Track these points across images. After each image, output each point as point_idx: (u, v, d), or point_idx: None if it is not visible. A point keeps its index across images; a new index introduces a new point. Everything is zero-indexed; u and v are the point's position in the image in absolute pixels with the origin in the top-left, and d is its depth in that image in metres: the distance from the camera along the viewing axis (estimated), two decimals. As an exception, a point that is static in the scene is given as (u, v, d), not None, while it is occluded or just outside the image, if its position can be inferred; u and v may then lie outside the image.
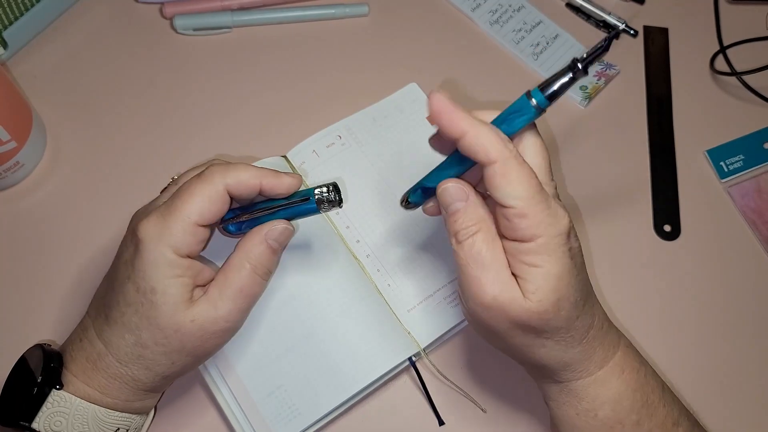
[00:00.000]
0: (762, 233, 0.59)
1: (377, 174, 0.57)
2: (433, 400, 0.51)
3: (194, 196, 0.41)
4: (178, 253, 0.40)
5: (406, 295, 0.53)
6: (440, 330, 0.52)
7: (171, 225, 0.40)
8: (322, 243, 0.53)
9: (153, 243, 0.40)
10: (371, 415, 0.51)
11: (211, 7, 0.65)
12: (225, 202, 0.42)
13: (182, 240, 0.40)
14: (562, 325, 0.39)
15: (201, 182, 0.41)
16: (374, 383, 0.50)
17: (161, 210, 0.41)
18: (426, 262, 0.54)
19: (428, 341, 0.52)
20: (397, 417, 0.51)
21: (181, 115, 0.61)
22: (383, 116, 0.60)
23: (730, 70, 0.64)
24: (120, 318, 0.41)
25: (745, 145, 0.62)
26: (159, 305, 0.40)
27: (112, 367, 0.42)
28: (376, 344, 0.50)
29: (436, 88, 0.39)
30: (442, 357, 0.53)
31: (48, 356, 0.43)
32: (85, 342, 0.43)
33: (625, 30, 0.66)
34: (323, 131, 0.58)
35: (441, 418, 0.51)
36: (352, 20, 0.66)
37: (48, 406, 0.41)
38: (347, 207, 0.56)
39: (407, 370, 0.52)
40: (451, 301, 0.53)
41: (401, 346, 0.50)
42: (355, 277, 0.52)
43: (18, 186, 0.58)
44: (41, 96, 0.61)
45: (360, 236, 0.55)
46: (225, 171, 0.42)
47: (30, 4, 0.61)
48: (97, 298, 0.44)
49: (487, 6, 0.67)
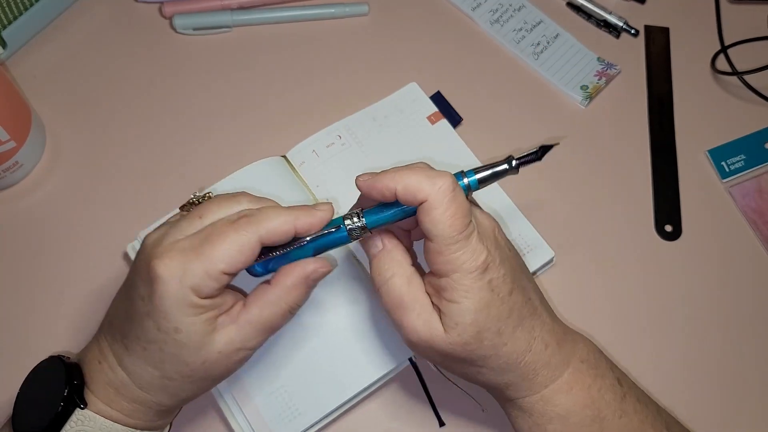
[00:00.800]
0: (763, 233, 0.58)
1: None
2: (433, 400, 0.51)
3: (225, 243, 0.38)
4: (200, 295, 0.38)
5: None
6: None
7: (195, 268, 0.38)
8: None
9: (174, 283, 0.38)
10: (371, 415, 0.51)
11: (210, 6, 0.65)
12: (255, 253, 0.40)
13: (205, 284, 0.38)
14: (490, 353, 0.40)
15: (234, 231, 0.39)
16: (375, 383, 0.50)
17: (186, 250, 0.39)
18: None
19: None
20: (397, 417, 0.51)
21: (181, 115, 0.61)
22: (383, 116, 0.59)
23: (731, 70, 0.64)
24: (142, 352, 0.40)
25: (746, 145, 0.62)
26: (184, 343, 0.39)
27: (135, 392, 0.41)
28: (376, 345, 0.50)
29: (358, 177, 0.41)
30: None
31: (69, 371, 0.41)
32: (104, 366, 0.42)
33: (626, 29, 0.66)
34: (323, 131, 0.58)
35: (441, 419, 0.51)
36: (352, 20, 0.66)
37: (72, 424, 0.40)
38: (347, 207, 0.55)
39: (407, 370, 0.52)
40: None
41: (402, 347, 0.50)
42: (355, 278, 0.52)
43: (17, 186, 0.58)
44: (40, 96, 0.61)
45: None
46: (259, 222, 0.39)
47: (29, 4, 0.61)
48: (113, 322, 0.42)
49: (488, 5, 0.67)
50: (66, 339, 0.53)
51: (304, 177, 0.57)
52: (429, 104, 0.60)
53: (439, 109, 0.60)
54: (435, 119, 0.60)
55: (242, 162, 0.55)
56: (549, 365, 0.42)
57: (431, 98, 0.61)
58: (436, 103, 0.61)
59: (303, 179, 0.56)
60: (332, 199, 0.56)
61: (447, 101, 0.61)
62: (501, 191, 0.57)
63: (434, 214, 0.38)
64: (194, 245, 0.39)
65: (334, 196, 0.56)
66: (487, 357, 0.40)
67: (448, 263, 0.39)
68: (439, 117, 0.60)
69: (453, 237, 0.38)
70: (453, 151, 0.58)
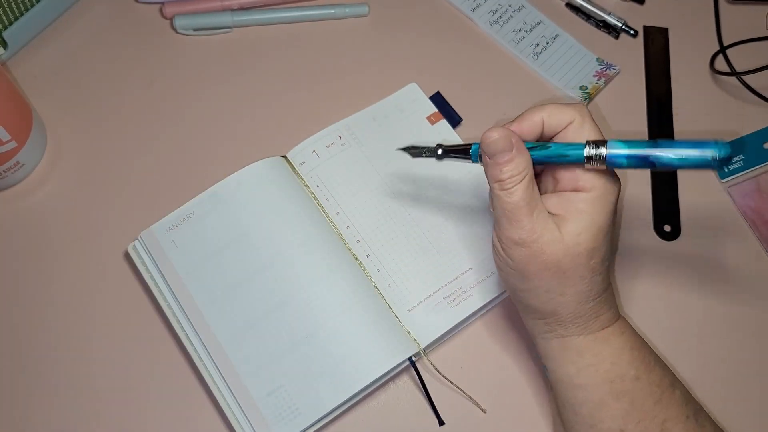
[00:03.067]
0: (762, 233, 0.59)
1: (377, 173, 0.57)
2: (433, 400, 0.51)
3: None
4: None
5: (406, 295, 0.53)
6: (440, 330, 0.52)
7: None
8: (322, 243, 0.53)
9: None
10: (371, 415, 0.51)
11: (211, 7, 0.65)
12: None
13: None
14: (586, 275, 0.43)
15: None
16: (374, 383, 0.50)
17: None
18: (426, 262, 0.54)
19: (428, 341, 0.52)
20: (397, 417, 0.52)
21: (181, 115, 0.61)
22: (383, 116, 0.60)
23: (730, 70, 0.64)
24: None
25: (745, 145, 0.62)
26: None
27: None
28: (376, 344, 0.50)
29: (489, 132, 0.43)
30: (442, 357, 0.53)
31: None
32: None
33: (625, 30, 0.66)
34: (323, 131, 0.58)
35: (441, 418, 0.51)
36: (352, 20, 0.66)
37: None
38: (347, 207, 0.56)
39: (407, 370, 0.52)
40: (452, 300, 0.53)
41: (401, 346, 0.50)
42: (354, 277, 0.52)
43: (18, 186, 0.58)
44: (41, 96, 0.61)
45: (360, 236, 0.55)
46: None
47: (30, 4, 0.61)
48: None
49: (487, 6, 0.67)
50: (66, 339, 0.53)
51: (305, 177, 0.57)
52: (429, 105, 0.60)
53: (439, 110, 0.60)
54: (435, 119, 0.60)
55: (242, 162, 0.55)
56: (610, 309, 0.46)
57: (431, 99, 0.61)
58: (436, 103, 0.61)
59: (303, 179, 0.57)
60: (333, 200, 0.56)
61: (447, 102, 0.62)
62: None
63: (587, 125, 0.43)
64: None
65: (335, 195, 0.56)
66: (582, 278, 0.43)
67: (592, 180, 0.42)
68: (438, 117, 0.60)
69: None
70: None
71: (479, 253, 0.55)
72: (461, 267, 0.54)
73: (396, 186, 0.57)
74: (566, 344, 0.45)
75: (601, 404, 0.44)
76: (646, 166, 0.41)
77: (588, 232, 0.42)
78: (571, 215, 0.42)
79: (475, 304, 0.53)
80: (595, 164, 0.41)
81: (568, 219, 0.42)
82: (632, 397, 0.44)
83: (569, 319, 0.44)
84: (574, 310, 0.44)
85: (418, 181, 0.57)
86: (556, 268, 0.42)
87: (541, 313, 0.45)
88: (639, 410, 0.44)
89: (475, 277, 0.54)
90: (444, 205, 0.56)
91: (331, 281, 0.51)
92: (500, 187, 0.42)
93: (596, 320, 0.45)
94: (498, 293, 0.54)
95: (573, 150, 0.42)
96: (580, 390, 0.45)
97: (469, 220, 0.56)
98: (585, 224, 0.42)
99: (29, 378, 0.52)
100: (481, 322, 0.55)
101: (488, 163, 0.43)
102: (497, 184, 0.42)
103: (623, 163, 0.41)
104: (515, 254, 0.43)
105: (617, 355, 0.45)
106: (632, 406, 0.44)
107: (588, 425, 0.45)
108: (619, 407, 0.44)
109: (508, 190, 0.42)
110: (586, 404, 0.45)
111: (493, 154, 0.42)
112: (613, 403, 0.44)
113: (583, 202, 0.42)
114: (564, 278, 0.43)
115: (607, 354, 0.45)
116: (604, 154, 0.41)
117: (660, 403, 0.45)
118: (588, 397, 0.45)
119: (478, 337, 0.54)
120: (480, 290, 0.54)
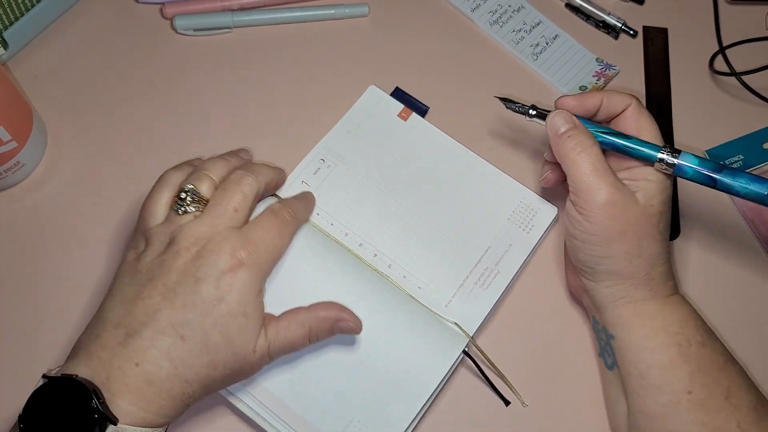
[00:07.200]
0: (761, 233, 0.59)
1: (370, 183, 0.57)
2: (494, 384, 0.52)
3: None
4: None
5: (439, 292, 0.53)
6: (482, 314, 0.53)
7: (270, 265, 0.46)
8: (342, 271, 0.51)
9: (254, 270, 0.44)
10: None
11: (211, 7, 0.65)
12: None
13: None
14: (658, 237, 0.47)
15: None
16: (439, 385, 0.50)
17: None
18: (446, 254, 0.54)
19: (474, 328, 0.52)
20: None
21: (181, 115, 0.61)
22: (356, 126, 0.59)
23: (730, 71, 0.64)
24: (202, 339, 0.42)
25: (744, 145, 0.62)
26: (244, 328, 0.43)
27: (176, 387, 0.41)
28: (429, 348, 0.50)
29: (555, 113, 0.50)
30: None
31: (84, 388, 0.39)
32: (145, 365, 0.40)
33: (625, 30, 0.66)
34: (305, 160, 0.57)
35: (506, 398, 0.52)
36: (352, 20, 0.66)
37: None
38: (353, 225, 0.55)
39: (460, 363, 0.52)
40: (482, 283, 0.54)
41: (452, 342, 0.50)
42: (384, 291, 0.51)
43: (18, 186, 0.58)
44: (41, 96, 0.61)
45: (376, 249, 0.54)
46: None
47: (30, 5, 0.62)
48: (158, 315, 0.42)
49: (487, 6, 0.67)
50: (66, 339, 0.53)
51: None
52: (394, 102, 0.60)
53: (405, 105, 0.60)
54: (406, 115, 0.60)
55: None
56: (673, 279, 0.49)
57: (393, 96, 0.61)
58: (399, 99, 0.61)
59: None
60: (338, 222, 0.55)
61: (407, 94, 0.62)
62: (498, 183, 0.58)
63: (644, 112, 0.49)
64: None
65: (339, 218, 0.55)
66: (655, 240, 0.47)
67: None
68: (408, 113, 0.60)
69: (660, 136, 0.49)
70: (433, 142, 0.59)
71: (491, 229, 0.56)
72: (480, 248, 0.55)
73: (392, 189, 0.57)
74: (638, 309, 0.48)
75: (671, 365, 0.46)
76: (705, 184, 0.47)
77: (658, 198, 0.47)
78: (641, 184, 0.47)
79: (505, 280, 0.54)
80: (662, 166, 0.47)
81: (639, 186, 0.47)
82: (699, 362, 0.46)
83: (644, 281, 0.47)
84: (649, 272, 0.47)
85: (412, 178, 0.57)
86: (635, 228, 0.46)
87: (621, 276, 0.47)
88: (705, 374, 0.46)
89: (496, 254, 0.55)
90: (443, 195, 0.57)
91: (365, 303, 0.49)
92: (573, 155, 0.47)
93: (665, 285, 0.48)
94: (522, 260, 0.55)
95: (649, 149, 0.47)
96: (650, 353, 0.47)
97: (471, 201, 0.56)
98: (655, 191, 0.47)
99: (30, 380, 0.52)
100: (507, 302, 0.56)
101: (553, 141, 0.49)
102: (570, 153, 0.47)
103: (687, 174, 0.47)
104: (598, 218, 0.46)
105: (684, 320, 0.48)
106: (699, 369, 0.46)
107: (655, 388, 0.46)
108: (688, 369, 0.46)
109: (581, 153, 0.47)
110: (655, 367, 0.47)
111: (557, 128, 0.48)
112: (682, 365, 0.46)
113: (653, 174, 0.47)
114: (641, 239, 0.46)
115: (675, 318, 0.47)
116: (675, 162, 0.47)
117: (724, 371, 0.47)
118: (657, 360, 0.47)
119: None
120: (505, 265, 0.55)
